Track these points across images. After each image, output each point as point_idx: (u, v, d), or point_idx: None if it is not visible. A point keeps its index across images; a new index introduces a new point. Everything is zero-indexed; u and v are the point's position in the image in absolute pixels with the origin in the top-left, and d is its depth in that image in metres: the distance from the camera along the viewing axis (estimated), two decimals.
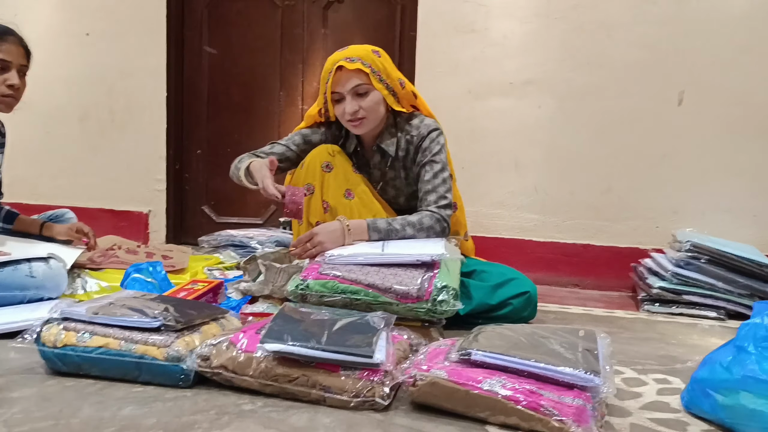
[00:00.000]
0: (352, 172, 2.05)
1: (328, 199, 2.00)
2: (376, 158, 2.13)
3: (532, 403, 1.21)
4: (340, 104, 2.00)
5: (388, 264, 1.71)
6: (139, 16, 3.30)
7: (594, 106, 2.82)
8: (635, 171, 2.80)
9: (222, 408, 1.33)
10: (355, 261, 1.73)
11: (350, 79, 1.96)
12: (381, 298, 1.64)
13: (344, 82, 1.97)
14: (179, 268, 2.46)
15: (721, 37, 2.67)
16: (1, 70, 1.99)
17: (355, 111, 1.97)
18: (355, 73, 1.96)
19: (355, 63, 1.95)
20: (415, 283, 1.64)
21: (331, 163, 2.01)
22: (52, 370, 1.48)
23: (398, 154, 2.10)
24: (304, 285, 1.69)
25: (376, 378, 1.31)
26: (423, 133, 2.06)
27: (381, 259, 1.73)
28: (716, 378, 1.29)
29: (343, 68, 1.96)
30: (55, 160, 3.46)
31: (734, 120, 2.68)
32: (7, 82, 1.99)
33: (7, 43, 2.00)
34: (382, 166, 2.13)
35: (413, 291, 1.63)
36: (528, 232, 2.92)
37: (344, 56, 1.97)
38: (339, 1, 3.19)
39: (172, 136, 3.37)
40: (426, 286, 1.64)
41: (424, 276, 1.67)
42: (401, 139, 2.09)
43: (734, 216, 2.71)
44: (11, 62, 2.00)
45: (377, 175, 2.14)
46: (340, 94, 1.99)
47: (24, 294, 1.92)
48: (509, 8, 2.87)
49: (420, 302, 1.63)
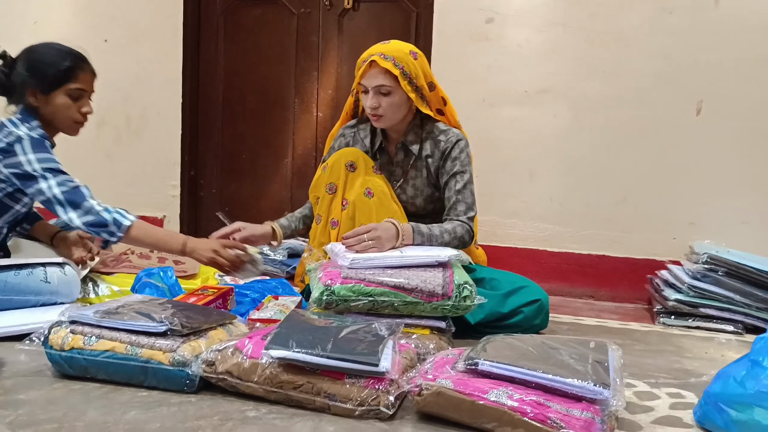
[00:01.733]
0: (372, 173, 2.07)
1: (349, 197, 2.04)
2: (400, 156, 2.14)
3: (540, 415, 1.19)
4: (365, 95, 2.05)
5: (407, 266, 1.76)
6: (156, 23, 3.33)
7: (610, 116, 2.79)
8: (652, 182, 2.76)
9: (226, 414, 1.32)
10: (377, 264, 1.75)
11: (377, 77, 1.99)
12: (407, 298, 1.68)
13: (371, 78, 2.01)
14: (191, 274, 2.46)
15: (739, 47, 2.63)
16: (76, 98, 2.02)
17: (375, 107, 2.01)
18: (383, 72, 1.99)
19: (387, 62, 1.97)
20: (439, 282, 1.70)
21: (355, 163, 2.05)
22: (60, 373, 1.49)
23: (422, 154, 2.11)
24: (329, 291, 1.68)
25: (381, 386, 1.30)
26: (452, 140, 2.09)
27: (402, 261, 1.77)
28: (730, 392, 1.26)
29: (374, 63, 1.98)
30: (72, 166, 3.39)
31: (753, 131, 2.64)
32: (82, 110, 2.04)
33: (84, 72, 2.03)
34: (405, 165, 2.14)
35: (438, 289, 1.68)
36: (542, 243, 2.89)
37: (380, 51, 2.00)
38: (354, 8, 3.19)
39: (187, 143, 3.39)
40: (448, 284, 1.70)
41: (444, 275, 1.73)
42: (426, 140, 2.11)
43: (752, 228, 2.66)
44: (87, 91, 2.05)
45: (399, 173, 2.16)
46: (366, 87, 2.03)
47: (38, 299, 1.93)
48: (524, 17, 2.86)
49: (444, 299, 1.69)
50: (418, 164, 2.13)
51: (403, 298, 1.68)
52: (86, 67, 2.05)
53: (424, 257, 1.79)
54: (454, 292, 1.69)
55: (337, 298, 1.68)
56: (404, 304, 1.68)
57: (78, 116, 2.04)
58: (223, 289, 1.98)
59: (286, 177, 3.36)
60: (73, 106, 2.02)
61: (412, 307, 1.69)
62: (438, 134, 2.11)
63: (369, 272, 1.72)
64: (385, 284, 1.69)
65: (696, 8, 2.67)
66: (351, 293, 1.68)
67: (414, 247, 1.90)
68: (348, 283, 1.69)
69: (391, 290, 1.68)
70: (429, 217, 2.18)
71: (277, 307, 1.80)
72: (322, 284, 1.71)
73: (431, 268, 1.76)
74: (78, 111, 2.04)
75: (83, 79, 2.03)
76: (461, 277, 1.74)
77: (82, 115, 2.05)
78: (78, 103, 2.03)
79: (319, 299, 1.69)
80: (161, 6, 3.32)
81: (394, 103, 2.02)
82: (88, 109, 2.06)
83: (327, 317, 1.55)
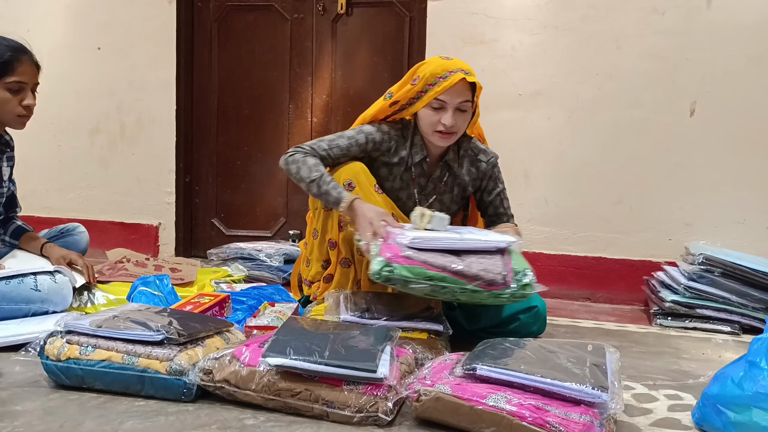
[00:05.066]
0: (374, 192, 1.98)
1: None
2: (437, 172, 2.07)
3: (538, 419, 1.19)
4: (437, 112, 1.92)
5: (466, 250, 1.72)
6: (150, 30, 3.32)
7: (604, 117, 2.79)
8: (647, 183, 2.76)
9: (224, 423, 1.32)
10: (436, 245, 1.70)
11: (463, 93, 1.91)
12: (468, 285, 1.65)
13: (457, 95, 1.90)
14: (188, 281, 2.46)
15: (732, 47, 2.64)
16: (16, 91, 1.98)
17: (453, 125, 1.91)
18: (468, 87, 1.91)
19: (471, 76, 1.90)
20: (499, 270, 1.67)
21: (353, 181, 1.95)
22: (56, 384, 1.48)
23: (459, 172, 2.08)
24: (389, 268, 1.64)
25: (379, 393, 1.30)
26: (492, 162, 2.09)
27: (462, 244, 1.73)
28: (728, 394, 1.26)
29: (464, 80, 1.89)
30: (66, 174, 3.48)
31: (747, 131, 2.65)
32: (23, 103, 2.00)
33: (23, 64, 1.99)
34: (439, 181, 2.08)
35: (499, 278, 1.65)
36: (538, 245, 2.89)
37: (459, 67, 1.91)
38: (348, 13, 3.19)
39: (181, 149, 3.38)
40: (508, 272, 1.67)
41: (503, 262, 1.70)
42: (464, 157, 2.08)
43: (748, 228, 2.66)
44: (27, 83, 2.00)
45: (430, 188, 2.08)
46: (445, 103, 1.91)
47: (29, 307, 1.92)
48: (518, 20, 2.86)
49: (504, 288, 1.66)
50: (449, 181, 2.09)
51: (463, 285, 1.64)
52: (25, 59, 2.00)
53: (483, 242, 1.76)
54: (515, 279, 1.67)
55: (397, 277, 1.63)
56: (464, 291, 1.65)
57: (20, 110, 1.99)
58: (219, 296, 1.98)
59: (282, 183, 3.36)
60: (13, 100, 1.98)
61: (470, 295, 1.66)
62: (477, 153, 2.08)
63: (429, 255, 1.67)
64: (446, 269, 1.64)
65: (688, 9, 2.68)
66: (411, 274, 1.63)
67: (472, 230, 1.87)
68: (410, 264, 1.64)
69: (452, 276, 1.64)
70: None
71: (273, 314, 1.79)
72: (383, 258, 1.65)
73: (490, 255, 1.73)
74: (19, 104, 1.99)
75: (22, 72, 1.98)
76: (520, 264, 1.71)
77: (25, 108, 2.00)
78: (19, 96, 1.99)
79: (378, 272, 1.64)
80: (154, 13, 3.31)
81: (465, 120, 1.96)
82: (30, 101, 2.01)
83: (324, 323, 1.55)
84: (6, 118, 2.02)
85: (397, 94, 1.99)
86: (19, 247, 2.21)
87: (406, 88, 1.97)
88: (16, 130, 2.08)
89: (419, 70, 1.96)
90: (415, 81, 1.95)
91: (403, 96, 1.97)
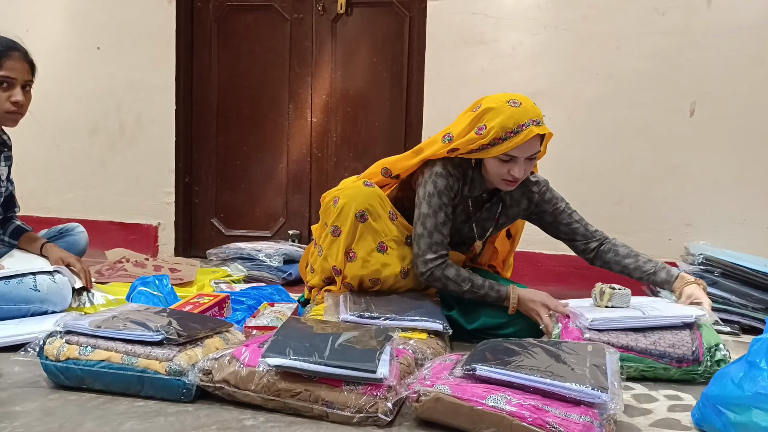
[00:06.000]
0: (388, 220, 1.91)
1: (358, 251, 1.88)
2: (489, 203, 2.01)
3: (538, 419, 1.19)
4: (506, 164, 1.81)
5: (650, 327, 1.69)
6: (149, 30, 3.32)
7: (604, 117, 2.79)
8: (647, 183, 2.76)
9: (224, 423, 1.31)
10: (617, 325, 1.69)
11: (534, 147, 1.81)
12: (655, 364, 1.64)
13: (528, 149, 1.80)
14: (187, 281, 2.46)
15: (732, 47, 2.64)
16: (5, 87, 1.97)
17: (522, 176, 1.84)
18: (539, 137, 1.82)
19: (541, 126, 1.79)
20: (689, 346, 1.64)
21: (366, 213, 1.86)
22: (55, 384, 1.48)
23: (512, 203, 2.03)
24: None
25: (379, 393, 1.30)
26: (543, 190, 2.03)
27: (645, 322, 1.69)
28: (728, 394, 1.26)
29: (537, 135, 1.79)
30: (65, 174, 3.48)
31: (747, 131, 2.65)
32: (11, 99, 1.97)
33: (11, 60, 1.97)
34: (492, 211, 2.02)
35: (689, 354, 1.63)
36: (539, 245, 2.89)
37: (530, 118, 1.78)
38: (347, 13, 3.19)
39: (181, 150, 3.38)
40: (697, 348, 1.64)
41: (692, 337, 1.66)
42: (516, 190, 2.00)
43: (748, 228, 2.66)
44: (16, 79, 1.98)
45: (485, 216, 2.02)
46: (516, 157, 1.80)
47: (28, 307, 1.91)
48: (517, 19, 2.86)
49: (695, 365, 1.63)
50: (503, 210, 2.03)
51: (650, 364, 1.63)
52: (14, 55, 1.97)
53: (668, 318, 1.70)
54: (704, 356, 1.62)
55: None
56: (651, 369, 1.64)
57: (8, 105, 1.97)
58: (219, 296, 1.97)
59: (281, 183, 3.36)
60: (1, 96, 1.96)
61: (658, 372, 1.64)
62: (530, 185, 2.02)
63: (612, 335, 1.66)
64: (630, 349, 1.63)
65: (688, 8, 2.68)
66: None
67: (651, 304, 1.82)
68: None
69: (637, 355, 1.63)
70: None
71: (273, 315, 1.79)
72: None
73: (677, 330, 1.68)
74: (7, 100, 1.96)
75: (10, 67, 1.96)
76: (712, 338, 1.66)
77: (14, 104, 1.98)
78: (8, 92, 1.96)
79: None
80: (154, 13, 3.31)
81: (533, 165, 1.88)
82: (18, 97, 1.97)
83: (324, 324, 1.54)
84: None
85: (459, 141, 1.83)
86: (18, 247, 2.21)
87: (470, 137, 1.81)
88: (8, 127, 2.07)
89: (486, 117, 1.80)
90: (480, 130, 1.80)
91: (464, 145, 1.82)
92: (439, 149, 1.87)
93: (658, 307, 1.78)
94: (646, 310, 1.74)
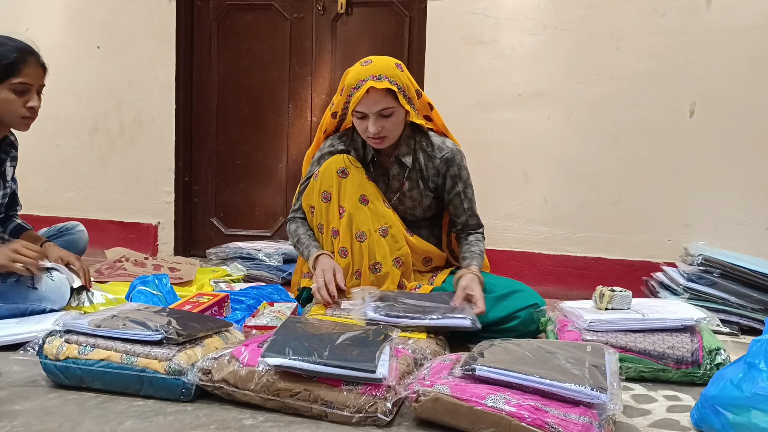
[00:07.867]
0: (366, 180, 2.02)
1: (345, 205, 1.98)
2: (395, 169, 2.09)
3: (537, 420, 1.19)
4: (362, 120, 1.95)
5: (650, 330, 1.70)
6: (149, 29, 3.32)
7: (604, 117, 2.79)
8: (646, 183, 2.76)
9: (223, 423, 1.31)
10: (617, 327, 1.70)
11: (378, 102, 1.91)
12: (653, 365, 1.65)
13: (371, 105, 1.91)
14: (187, 281, 2.46)
15: (732, 48, 2.64)
16: (21, 92, 1.96)
17: (379, 131, 1.93)
18: (383, 94, 1.90)
19: (382, 82, 1.89)
20: (688, 347, 1.65)
21: (346, 169, 1.99)
22: (55, 383, 1.48)
23: (415, 165, 2.08)
24: None
25: (378, 393, 1.30)
26: (448, 156, 2.06)
27: (644, 324, 1.71)
28: (726, 395, 1.26)
29: (372, 89, 1.89)
30: (65, 173, 3.48)
31: (746, 131, 2.64)
32: (27, 105, 1.97)
33: (29, 66, 1.96)
34: (400, 177, 2.10)
35: (688, 356, 1.64)
36: (538, 245, 2.90)
37: (371, 74, 1.90)
38: (348, 13, 3.19)
39: (181, 149, 3.38)
40: (697, 350, 1.65)
41: (692, 339, 1.67)
42: (418, 151, 2.08)
43: (747, 229, 2.66)
44: (32, 85, 1.98)
45: (395, 185, 2.11)
46: (365, 113, 1.93)
47: (26, 306, 1.91)
48: (517, 19, 2.86)
49: (694, 367, 1.64)
50: (412, 175, 2.09)
51: (648, 365, 1.64)
52: (32, 61, 1.97)
53: (668, 321, 1.71)
54: (704, 359, 1.64)
55: None
56: (650, 370, 1.65)
57: (24, 111, 1.97)
58: (218, 296, 1.97)
59: (281, 182, 3.36)
60: (17, 101, 1.96)
61: (657, 374, 1.65)
62: (432, 149, 2.07)
63: (610, 335, 1.67)
64: (629, 350, 1.65)
65: (688, 9, 2.68)
66: None
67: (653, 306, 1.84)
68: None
69: (636, 356, 1.65)
70: (427, 222, 2.18)
71: (273, 314, 1.79)
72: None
73: (677, 332, 1.70)
74: (23, 106, 1.97)
75: (28, 74, 1.96)
76: (712, 342, 1.67)
77: (29, 110, 1.98)
78: (24, 97, 1.96)
79: None
80: (154, 12, 3.31)
81: (396, 122, 1.96)
82: (34, 103, 1.98)
83: (323, 324, 1.54)
84: (9, 120, 2.00)
85: (336, 105, 2.04)
86: None
87: (338, 97, 2.01)
88: (20, 131, 2.08)
89: (344, 77, 1.99)
90: (343, 90, 1.98)
91: (338, 106, 2.03)
92: (327, 118, 2.10)
93: (660, 310, 1.78)
94: (647, 312, 1.75)
